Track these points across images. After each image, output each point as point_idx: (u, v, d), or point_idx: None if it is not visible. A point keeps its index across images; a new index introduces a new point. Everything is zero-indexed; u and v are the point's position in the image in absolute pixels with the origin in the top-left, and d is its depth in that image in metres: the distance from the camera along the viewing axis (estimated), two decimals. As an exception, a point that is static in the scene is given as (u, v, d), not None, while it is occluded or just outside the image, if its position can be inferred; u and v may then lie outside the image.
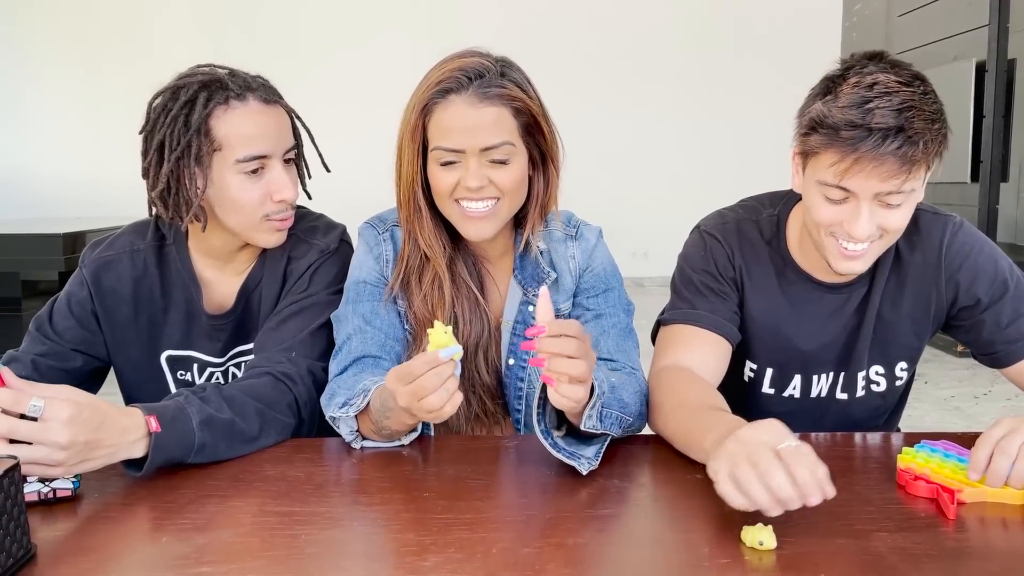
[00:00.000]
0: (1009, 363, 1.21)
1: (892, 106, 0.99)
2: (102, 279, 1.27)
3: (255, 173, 1.17)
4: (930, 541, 0.82)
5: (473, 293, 1.19)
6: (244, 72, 1.21)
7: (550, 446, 0.98)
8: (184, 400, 1.02)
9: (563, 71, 6.62)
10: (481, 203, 1.11)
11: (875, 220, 1.05)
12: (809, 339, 1.25)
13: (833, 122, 1.01)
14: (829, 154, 1.03)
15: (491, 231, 1.14)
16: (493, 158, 1.10)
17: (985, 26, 4.54)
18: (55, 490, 0.91)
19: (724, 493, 0.80)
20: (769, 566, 0.77)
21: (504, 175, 1.11)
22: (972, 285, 1.20)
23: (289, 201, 1.21)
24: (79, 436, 0.87)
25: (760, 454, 0.79)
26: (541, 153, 1.16)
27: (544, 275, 1.21)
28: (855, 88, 1.02)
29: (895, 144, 0.99)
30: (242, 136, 1.15)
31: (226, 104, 1.15)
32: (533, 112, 1.12)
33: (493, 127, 1.09)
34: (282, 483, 0.97)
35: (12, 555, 0.76)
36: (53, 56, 6.76)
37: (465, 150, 1.09)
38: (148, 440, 0.95)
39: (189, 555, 0.79)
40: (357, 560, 0.81)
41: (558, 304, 1.22)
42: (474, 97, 1.08)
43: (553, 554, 0.79)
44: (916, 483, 0.92)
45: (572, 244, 1.23)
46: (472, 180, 1.09)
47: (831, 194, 1.06)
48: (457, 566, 0.76)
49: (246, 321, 1.29)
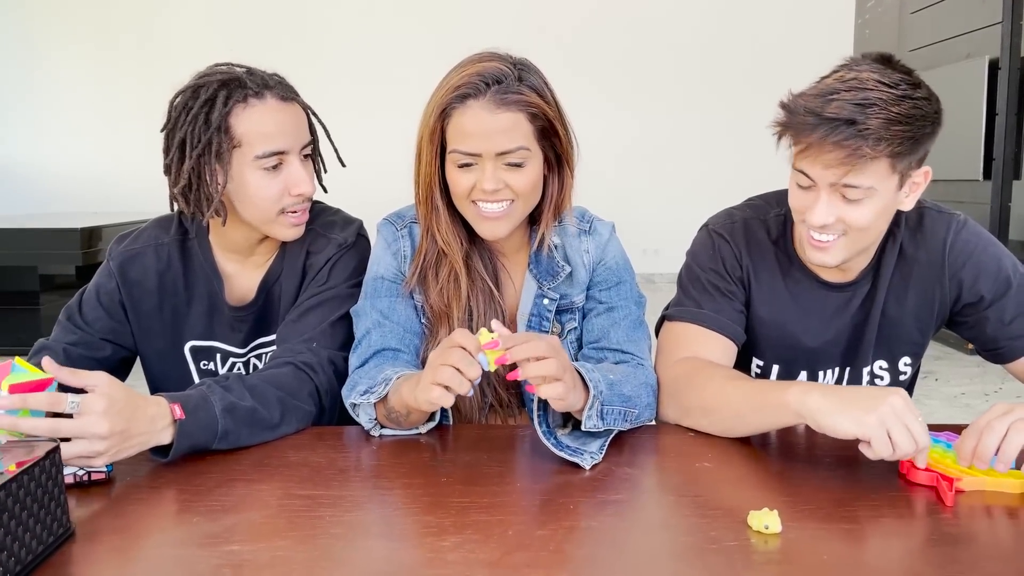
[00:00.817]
0: (1013, 358, 1.24)
1: (854, 100, 1.03)
2: (128, 271, 1.31)
3: (274, 169, 1.20)
4: (929, 527, 0.85)
5: (488, 286, 1.23)
6: (261, 71, 1.24)
7: (552, 446, 1.01)
8: (207, 389, 1.06)
9: (578, 69, 6.65)
10: (496, 204, 1.15)
11: (834, 211, 1.09)
12: (815, 336, 1.28)
13: (794, 107, 1.08)
14: (787, 138, 1.10)
15: (505, 230, 1.18)
16: (509, 162, 1.13)
17: (998, 23, 4.52)
18: (90, 473, 0.96)
19: (879, 442, 0.91)
20: (774, 549, 0.80)
21: (519, 178, 1.14)
22: (976, 282, 1.22)
23: (306, 195, 1.24)
24: (116, 426, 0.92)
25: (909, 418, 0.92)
26: (556, 155, 1.19)
27: (559, 269, 1.24)
28: (834, 82, 1.07)
29: (840, 136, 1.02)
30: (261, 133, 1.19)
31: (245, 102, 1.18)
32: (549, 117, 1.15)
33: (509, 132, 1.11)
34: (305, 468, 1.01)
35: (53, 532, 0.80)
36: (69, 52, 6.83)
37: (482, 154, 1.12)
38: (174, 427, 1.00)
39: (219, 534, 0.83)
40: (379, 540, 0.85)
41: (572, 297, 1.25)
42: (491, 103, 1.10)
43: (566, 536, 0.83)
44: (916, 472, 0.95)
45: (586, 239, 1.26)
46: (488, 183, 1.12)
47: (799, 180, 1.11)
48: (475, 546, 0.80)
49: (267, 314, 1.33)
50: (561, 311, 1.26)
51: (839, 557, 0.79)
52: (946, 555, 0.79)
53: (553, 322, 1.25)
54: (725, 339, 1.23)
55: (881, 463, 0.95)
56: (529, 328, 1.25)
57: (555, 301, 1.25)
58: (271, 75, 1.24)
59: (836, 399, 0.96)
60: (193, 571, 0.76)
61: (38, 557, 0.77)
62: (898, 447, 0.91)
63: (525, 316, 1.25)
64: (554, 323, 1.26)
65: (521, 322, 1.25)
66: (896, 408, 0.92)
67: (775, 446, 1.10)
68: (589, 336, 1.25)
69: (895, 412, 0.92)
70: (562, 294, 1.25)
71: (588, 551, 0.80)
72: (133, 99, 6.58)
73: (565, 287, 1.25)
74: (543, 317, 1.24)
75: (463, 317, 1.21)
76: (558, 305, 1.25)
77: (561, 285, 1.25)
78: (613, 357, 1.20)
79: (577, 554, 0.79)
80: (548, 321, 1.25)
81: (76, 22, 6.78)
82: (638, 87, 6.76)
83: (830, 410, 0.95)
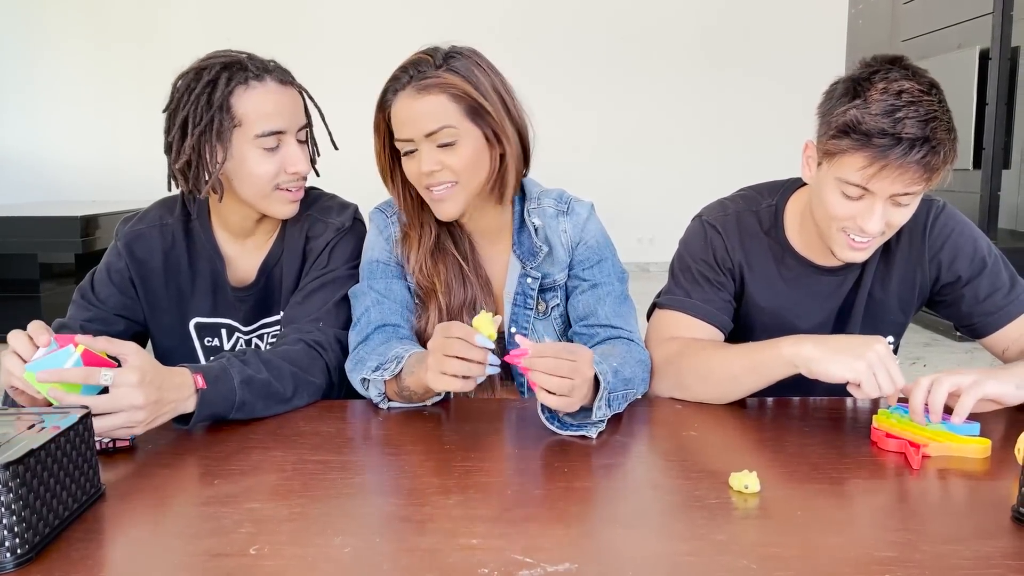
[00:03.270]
0: (986, 333, 1.31)
1: (919, 116, 1.07)
2: (135, 250, 1.37)
3: (272, 148, 1.26)
4: (896, 488, 0.92)
5: (458, 262, 1.31)
6: (260, 56, 1.30)
7: (557, 428, 1.08)
8: (227, 362, 1.12)
9: (573, 60, 6.69)
10: (440, 187, 1.22)
11: (884, 217, 1.14)
12: (808, 319, 1.34)
13: (866, 129, 1.08)
14: (858, 157, 1.10)
15: (456, 210, 1.25)
16: (440, 142, 1.20)
17: (989, 14, 4.58)
18: (115, 440, 1.02)
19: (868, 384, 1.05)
20: (753, 507, 0.87)
21: (454, 157, 1.20)
22: (953, 263, 1.29)
23: (301, 173, 1.30)
24: (151, 396, 0.99)
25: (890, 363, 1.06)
26: (495, 132, 1.24)
27: (537, 249, 1.31)
28: (884, 95, 1.08)
29: (920, 153, 1.07)
30: (261, 113, 1.24)
31: (246, 84, 1.24)
32: (473, 95, 1.20)
33: (432, 114, 1.19)
34: (316, 437, 1.08)
35: (86, 492, 0.87)
36: (68, 42, 6.84)
37: (413, 138, 1.20)
38: (196, 396, 1.06)
39: (239, 494, 0.90)
40: (388, 498, 0.92)
41: (553, 275, 1.32)
42: (412, 90, 1.19)
43: (562, 495, 0.89)
44: (887, 440, 1.02)
45: (564, 219, 1.32)
46: (424, 164, 1.20)
47: (850, 191, 1.13)
48: (477, 504, 0.87)
49: (268, 295, 1.39)
50: (544, 289, 1.32)
51: (812, 513, 0.86)
52: (909, 511, 0.87)
53: (538, 300, 1.32)
54: (712, 328, 1.30)
55: (854, 431, 1.02)
56: (515, 307, 1.32)
57: (538, 280, 1.31)
58: (269, 60, 1.30)
59: (827, 348, 1.09)
60: (217, 526, 0.82)
61: (74, 513, 0.84)
62: (883, 388, 1.05)
63: (511, 295, 1.32)
64: (539, 301, 1.33)
65: (507, 300, 1.32)
66: (880, 354, 1.06)
67: (755, 416, 1.17)
68: (576, 313, 1.31)
69: (880, 358, 1.06)
70: (544, 273, 1.31)
71: (582, 508, 0.87)
72: (132, 87, 6.60)
73: (546, 266, 1.31)
74: (527, 295, 1.32)
75: (444, 291, 1.29)
76: (540, 284, 1.32)
77: (542, 264, 1.31)
78: (604, 332, 1.27)
79: (571, 510, 0.86)
80: (532, 299, 1.32)
81: (75, 11, 6.78)
82: (632, 77, 6.79)
83: (823, 358, 1.08)
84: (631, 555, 0.76)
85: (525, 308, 1.32)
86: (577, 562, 0.74)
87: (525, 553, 0.75)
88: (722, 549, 0.77)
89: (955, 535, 0.80)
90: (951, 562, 0.74)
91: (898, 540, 0.78)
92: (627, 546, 0.78)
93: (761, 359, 1.15)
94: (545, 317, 1.33)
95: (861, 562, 0.74)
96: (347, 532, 0.81)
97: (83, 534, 0.81)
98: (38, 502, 0.77)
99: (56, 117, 6.92)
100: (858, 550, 0.77)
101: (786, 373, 1.13)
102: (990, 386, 1.06)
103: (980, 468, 0.97)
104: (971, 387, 1.04)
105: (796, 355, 1.10)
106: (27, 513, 0.75)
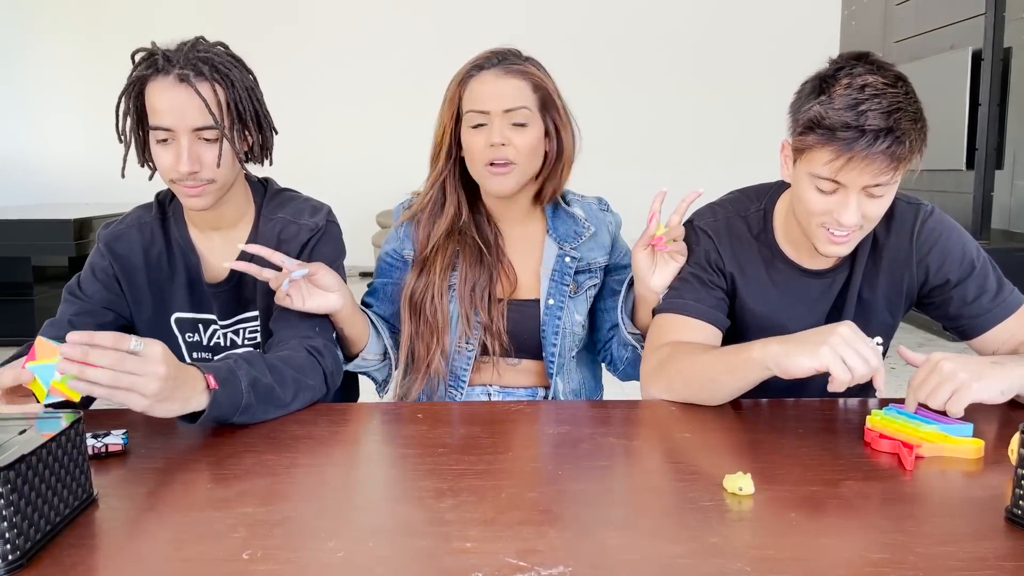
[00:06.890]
0: (974, 335, 1.31)
1: (882, 108, 1.08)
2: (116, 248, 1.38)
3: (164, 143, 1.27)
4: (890, 489, 0.92)
5: (478, 245, 1.43)
6: (193, 49, 1.26)
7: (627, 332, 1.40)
8: (234, 363, 1.11)
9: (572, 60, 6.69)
10: (501, 164, 1.35)
11: (860, 209, 1.15)
12: (799, 322, 1.34)
13: (830, 123, 1.10)
14: (825, 152, 1.11)
15: (510, 187, 1.38)
16: (514, 121, 1.35)
17: (981, 15, 4.60)
18: (107, 445, 1.02)
19: (835, 367, 1.03)
20: (747, 509, 0.87)
21: (522, 137, 1.35)
22: (942, 266, 1.30)
23: (186, 172, 1.25)
24: (171, 372, 0.98)
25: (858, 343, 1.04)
26: (556, 127, 1.40)
27: (583, 229, 1.47)
28: (847, 89, 1.10)
29: (885, 144, 1.08)
30: (153, 108, 1.26)
31: (153, 78, 1.26)
32: (548, 89, 1.39)
33: (514, 94, 1.36)
34: (309, 440, 1.08)
35: (78, 498, 0.86)
36: (60, 45, 6.82)
37: (490, 111, 1.35)
38: (207, 395, 1.05)
39: (232, 498, 0.90)
40: (382, 502, 0.92)
41: (595, 257, 1.49)
42: (500, 70, 1.37)
43: (556, 497, 0.89)
44: (881, 441, 1.02)
45: (608, 215, 1.54)
46: (495, 136, 1.34)
47: (823, 186, 1.15)
48: (471, 506, 0.86)
49: (242, 292, 1.39)
50: (579, 272, 1.47)
51: (806, 515, 0.85)
52: (903, 512, 0.87)
53: (572, 281, 1.47)
54: (708, 325, 1.30)
55: (848, 432, 1.02)
56: (552, 283, 1.46)
57: (576, 260, 1.46)
58: (203, 55, 1.25)
59: (792, 342, 1.09)
60: (210, 530, 0.82)
61: (66, 519, 0.83)
62: (854, 370, 1.02)
63: (548, 271, 1.47)
64: (572, 282, 1.47)
65: (545, 276, 1.46)
66: (845, 336, 1.04)
67: (749, 419, 1.17)
68: (614, 319, 1.49)
69: (844, 340, 1.04)
70: (583, 255, 1.47)
71: (576, 510, 0.87)
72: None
73: (587, 248, 1.47)
74: (564, 273, 1.46)
75: (445, 266, 1.41)
76: (577, 266, 1.46)
77: (583, 246, 1.47)
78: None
79: (566, 513, 0.86)
80: (569, 277, 1.46)
81: (67, 13, 6.77)
82: (628, 78, 6.80)
83: (788, 351, 1.07)
84: (625, 558, 0.76)
85: (562, 284, 1.46)
86: (571, 565, 0.74)
87: (519, 556, 0.75)
88: (716, 551, 0.77)
89: (949, 536, 0.80)
90: (945, 563, 0.74)
91: (892, 541, 0.78)
92: (621, 548, 0.78)
93: (735, 361, 1.15)
94: (576, 296, 1.48)
95: (855, 563, 0.74)
96: (340, 536, 0.80)
97: (75, 540, 0.80)
98: (30, 508, 0.77)
99: (49, 119, 6.90)
100: (852, 551, 0.77)
101: (761, 375, 1.13)
102: (975, 392, 1.06)
103: (973, 469, 0.98)
104: (960, 391, 1.04)
105: (765, 356, 1.10)
106: (19, 519, 0.75)
